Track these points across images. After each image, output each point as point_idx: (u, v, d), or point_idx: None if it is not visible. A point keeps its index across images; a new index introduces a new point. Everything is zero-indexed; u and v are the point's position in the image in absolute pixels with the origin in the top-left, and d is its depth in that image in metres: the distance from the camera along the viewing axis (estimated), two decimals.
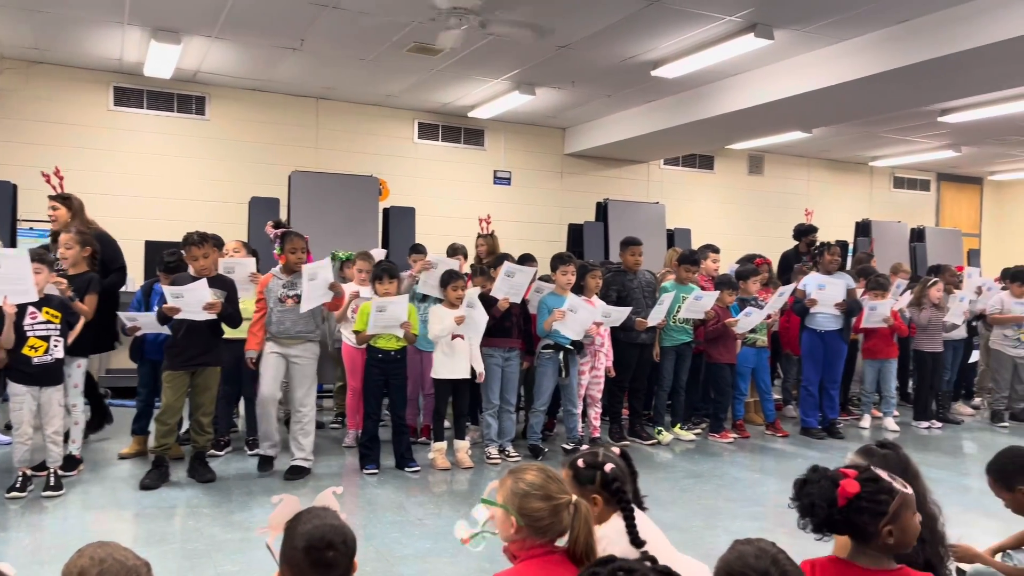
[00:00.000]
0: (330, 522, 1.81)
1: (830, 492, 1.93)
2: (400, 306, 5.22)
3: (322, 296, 5.17)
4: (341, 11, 6.80)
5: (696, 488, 5.20)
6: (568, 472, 2.39)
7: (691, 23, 6.86)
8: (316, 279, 5.06)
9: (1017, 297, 7.67)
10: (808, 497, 1.96)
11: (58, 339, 4.67)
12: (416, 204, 9.03)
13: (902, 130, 11.07)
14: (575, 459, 2.40)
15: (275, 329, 5.17)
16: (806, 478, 2.00)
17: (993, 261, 13.04)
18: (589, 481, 2.33)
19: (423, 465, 5.48)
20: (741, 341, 6.78)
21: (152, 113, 9.37)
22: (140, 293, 5.72)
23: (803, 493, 1.98)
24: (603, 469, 2.33)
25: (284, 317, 5.16)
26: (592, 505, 2.25)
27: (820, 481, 1.97)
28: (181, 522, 4.28)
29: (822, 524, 1.96)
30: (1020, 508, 2.83)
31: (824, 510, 1.93)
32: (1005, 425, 7.61)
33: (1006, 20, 5.95)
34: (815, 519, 1.96)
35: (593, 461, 2.34)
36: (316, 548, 1.76)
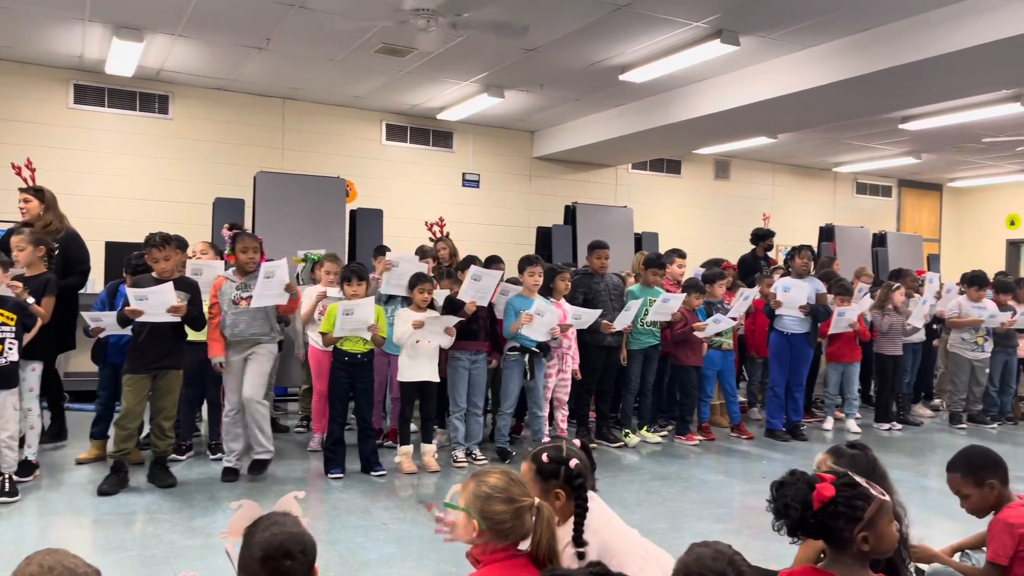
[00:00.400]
0: (288, 529, 1.78)
1: (805, 495, 1.94)
2: (367, 308, 5.17)
3: (276, 296, 5.04)
4: (308, 11, 6.74)
5: (662, 490, 5.23)
6: (531, 466, 2.38)
7: (658, 28, 6.91)
8: (272, 277, 4.96)
9: (974, 301, 7.83)
10: (783, 499, 1.97)
11: (12, 341, 4.55)
12: (384, 206, 8.98)
13: (864, 137, 11.26)
14: (539, 452, 2.40)
15: (229, 332, 5.08)
16: (783, 480, 2.01)
17: (952, 266, 13.32)
18: (553, 476, 2.33)
19: (389, 469, 5.44)
20: (707, 344, 6.83)
21: (113, 112, 9.21)
22: (104, 294, 5.60)
23: (779, 495, 2.00)
24: (568, 464, 2.33)
25: (238, 319, 5.07)
26: (555, 500, 2.27)
27: (796, 484, 1.98)
28: (140, 528, 4.19)
29: (796, 526, 1.96)
30: (982, 505, 2.86)
31: (798, 512, 1.94)
32: (963, 427, 7.76)
33: (965, 30, 6.09)
34: (789, 521, 1.96)
35: (558, 456, 2.35)
36: (273, 558, 1.72)
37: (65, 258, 5.61)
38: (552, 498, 2.29)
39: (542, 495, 2.27)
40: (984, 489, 2.84)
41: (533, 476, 2.36)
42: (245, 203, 7.95)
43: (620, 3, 6.37)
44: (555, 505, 2.28)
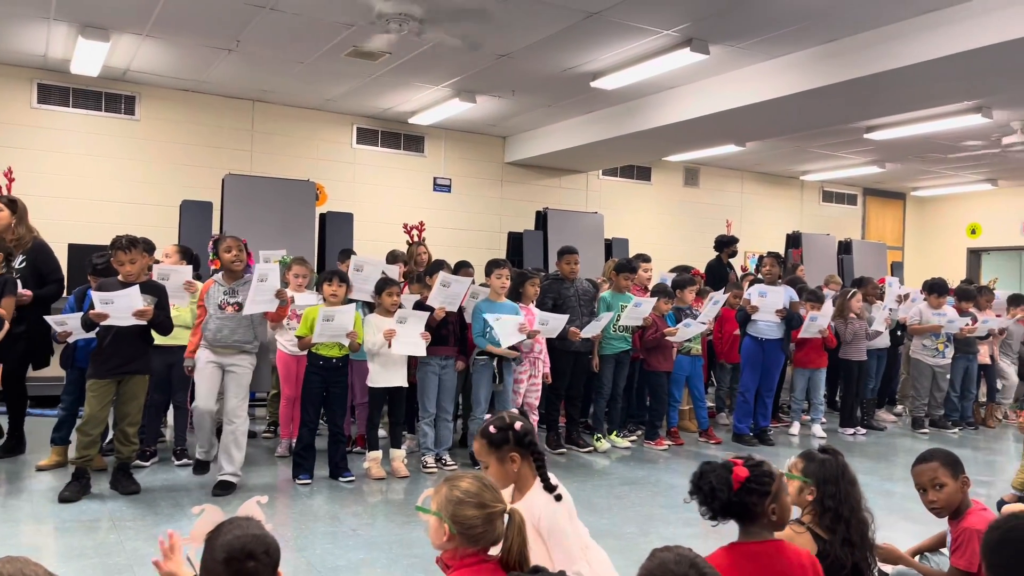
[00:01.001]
0: (251, 532, 1.76)
1: (726, 478, 2.22)
2: (347, 315, 5.14)
3: (267, 303, 4.98)
4: (279, 13, 6.69)
5: (631, 495, 5.25)
6: (482, 440, 2.59)
7: (629, 36, 6.96)
8: (266, 280, 4.91)
9: (934, 308, 7.99)
10: (708, 485, 2.23)
11: None
12: (354, 210, 8.94)
13: (830, 146, 11.44)
14: (485, 428, 2.61)
15: (212, 336, 5.02)
16: (702, 470, 2.27)
17: (915, 273, 13.59)
18: (504, 442, 2.56)
19: (358, 475, 5.40)
20: (676, 349, 6.89)
21: (78, 112, 9.05)
22: (73, 299, 5.49)
23: (703, 482, 2.24)
24: (514, 428, 2.57)
25: (223, 325, 5.02)
26: (511, 464, 2.54)
27: (716, 471, 2.25)
28: (103, 536, 4.12)
29: (722, 508, 2.23)
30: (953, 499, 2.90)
31: (725, 494, 2.21)
32: (925, 431, 7.91)
33: (928, 43, 6.22)
34: (716, 503, 2.22)
35: (502, 424, 2.59)
36: (236, 559, 1.70)
37: (34, 269, 5.50)
38: (509, 462, 2.55)
39: (499, 464, 2.54)
40: (958, 483, 2.89)
41: (486, 449, 2.58)
42: (213, 206, 7.86)
43: (591, 10, 6.41)
44: (513, 468, 2.55)
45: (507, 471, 2.56)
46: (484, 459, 2.59)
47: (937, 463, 2.91)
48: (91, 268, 5.24)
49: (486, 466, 2.60)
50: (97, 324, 4.61)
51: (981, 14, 5.88)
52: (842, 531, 2.58)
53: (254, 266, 5.13)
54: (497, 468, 2.56)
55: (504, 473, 2.56)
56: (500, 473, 2.56)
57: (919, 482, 2.95)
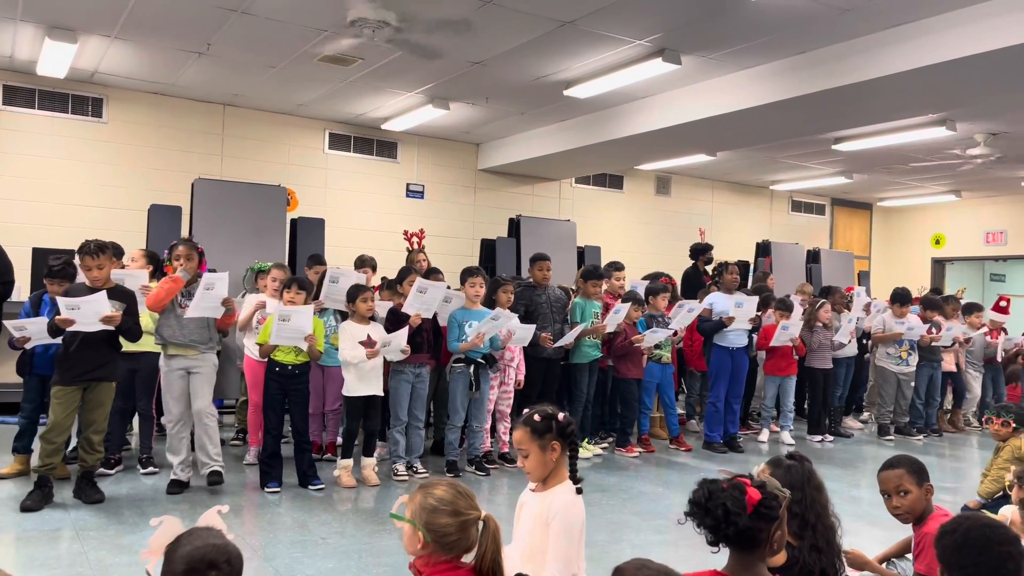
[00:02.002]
0: (212, 542, 1.73)
1: (741, 500, 1.96)
2: (304, 317, 5.09)
3: (212, 309, 5.03)
4: (251, 16, 6.64)
5: (602, 502, 5.26)
6: (525, 428, 2.66)
7: (602, 45, 7.01)
8: (212, 289, 4.94)
9: (898, 317, 8.12)
10: (721, 508, 1.96)
11: None
12: (326, 216, 8.88)
13: (800, 156, 11.60)
14: (529, 416, 2.69)
15: (167, 333, 5.04)
16: (710, 490, 2.01)
17: (881, 282, 13.80)
18: (548, 430, 2.63)
19: (328, 483, 5.35)
20: (647, 357, 6.92)
21: (44, 114, 8.89)
22: (28, 305, 5.38)
23: (713, 504, 1.98)
24: (557, 418, 2.64)
25: (182, 323, 5.03)
26: (551, 452, 2.63)
27: (730, 491, 1.98)
28: (66, 546, 4.03)
29: (736, 534, 1.95)
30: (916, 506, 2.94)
31: (741, 518, 1.94)
32: (891, 438, 8.03)
33: (894, 56, 6.34)
34: (731, 528, 1.94)
35: (546, 414, 2.66)
36: (196, 570, 1.66)
37: None
38: (550, 451, 2.63)
39: (540, 452, 2.61)
40: (922, 490, 2.94)
41: (529, 437, 2.64)
42: (182, 210, 7.75)
43: (565, 19, 6.44)
44: (552, 457, 2.64)
45: (547, 460, 2.64)
46: (526, 447, 2.65)
47: (903, 470, 2.96)
48: (47, 271, 5.15)
49: (525, 455, 2.66)
50: (64, 330, 4.53)
51: (946, 29, 6.01)
52: (809, 537, 2.60)
53: (204, 272, 5.11)
54: (537, 456, 2.64)
55: (543, 462, 2.64)
56: (540, 461, 2.64)
57: (884, 488, 3.00)
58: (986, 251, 14.72)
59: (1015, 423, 4.78)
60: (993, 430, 4.89)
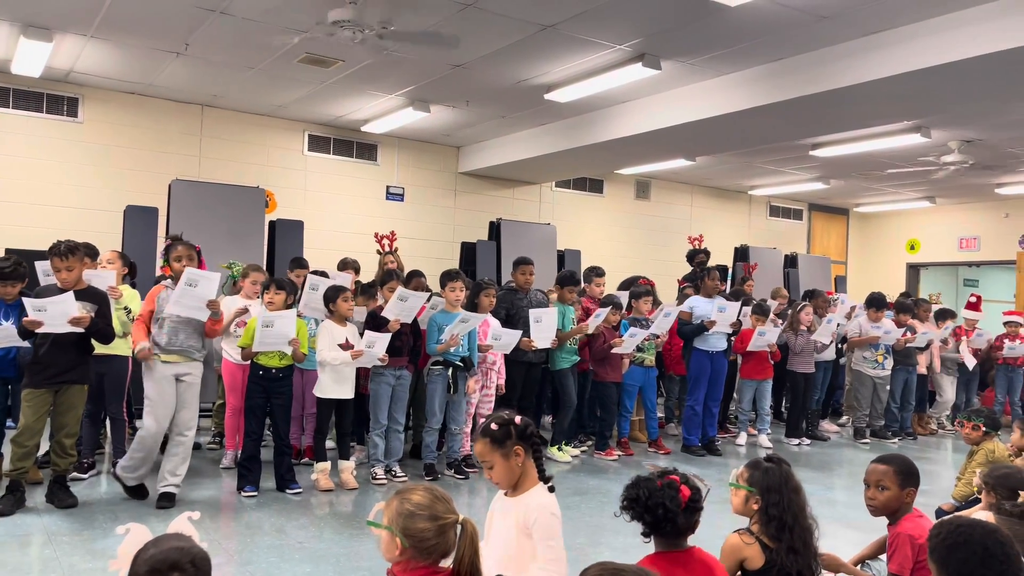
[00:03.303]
0: (176, 544, 1.71)
1: (677, 499, 2.28)
2: (288, 321, 5.05)
3: (195, 309, 4.77)
4: (229, 17, 6.59)
5: (581, 505, 5.27)
6: (484, 440, 2.60)
7: (582, 50, 7.03)
8: (195, 286, 4.70)
9: (873, 321, 8.21)
10: (661, 508, 2.27)
11: None
12: (305, 218, 8.83)
13: (777, 162, 11.71)
14: (485, 427, 2.62)
15: (166, 341, 4.80)
16: (650, 489, 2.31)
17: (857, 287, 13.95)
18: (507, 437, 2.57)
19: (305, 487, 5.31)
20: (630, 360, 6.93)
21: (18, 113, 8.77)
22: None
23: (654, 504, 2.28)
24: (515, 422, 2.60)
25: (178, 328, 4.83)
26: (516, 457, 2.57)
27: (665, 490, 2.29)
28: (37, 551, 3.97)
29: (673, 528, 2.30)
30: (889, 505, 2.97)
31: (679, 516, 2.27)
32: (867, 441, 8.11)
33: (869, 64, 6.42)
34: (668, 525, 2.28)
35: (502, 420, 2.62)
36: (158, 571, 1.64)
37: None
38: (514, 457, 2.57)
39: (504, 460, 2.56)
40: (902, 492, 2.97)
41: (490, 448, 2.58)
42: (159, 212, 7.68)
43: (546, 23, 6.46)
44: (518, 462, 2.58)
45: (512, 467, 2.58)
46: (488, 459, 2.59)
47: (891, 468, 2.99)
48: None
49: (490, 466, 2.60)
50: (33, 332, 4.46)
51: (921, 37, 6.09)
52: (787, 539, 2.62)
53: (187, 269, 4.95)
54: (503, 465, 2.58)
55: (510, 469, 2.58)
56: (506, 470, 2.58)
57: (867, 478, 3.05)
58: (960, 257, 14.92)
59: (985, 427, 4.84)
60: (964, 434, 4.95)
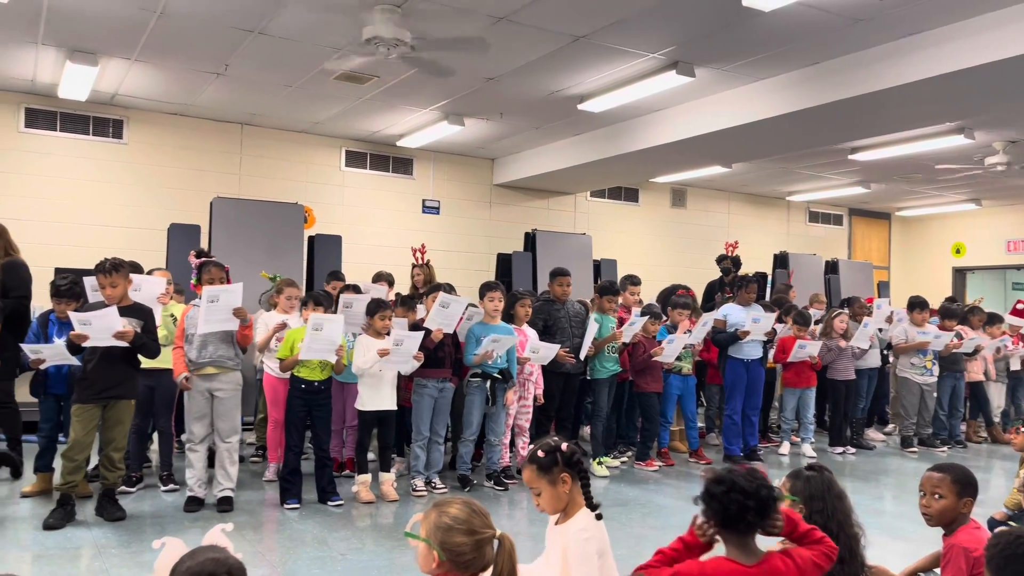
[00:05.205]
0: (212, 555, 1.74)
1: (763, 489, 2.15)
2: (337, 327, 5.11)
3: (224, 322, 4.99)
4: (267, 37, 6.73)
5: (622, 516, 5.23)
6: (531, 467, 2.58)
7: (615, 59, 7.03)
8: (216, 302, 4.90)
9: (918, 326, 8.04)
10: (763, 499, 2.13)
11: None
12: (343, 232, 8.94)
13: (816, 167, 11.55)
14: (532, 454, 2.60)
15: (196, 355, 5.04)
16: (761, 485, 2.15)
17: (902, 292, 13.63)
18: (554, 464, 2.56)
19: (346, 499, 5.35)
20: (668, 369, 6.88)
21: (66, 136, 9.04)
22: (36, 323, 5.45)
23: (763, 494, 2.13)
24: (561, 449, 2.58)
25: (206, 340, 5.04)
26: (563, 484, 2.56)
27: (751, 478, 2.16)
28: (87, 563, 4.06)
29: (750, 516, 2.14)
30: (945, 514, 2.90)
31: (757, 508, 2.13)
32: (914, 450, 7.92)
33: (909, 65, 6.31)
34: (746, 515, 2.12)
35: (549, 448, 2.59)
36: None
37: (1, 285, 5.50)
38: (561, 484, 2.56)
39: (551, 487, 2.55)
40: (959, 502, 2.90)
41: (536, 475, 2.57)
42: (201, 229, 7.84)
43: (578, 34, 6.47)
44: (565, 489, 2.57)
45: (559, 493, 2.57)
46: (535, 485, 2.57)
47: (948, 476, 2.93)
48: (54, 291, 5.20)
49: (538, 493, 2.58)
50: (80, 347, 4.58)
51: (961, 37, 5.98)
52: None
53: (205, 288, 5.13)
54: (550, 492, 2.56)
55: (557, 496, 2.57)
56: (553, 496, 2.57)
57: (922, 486, 2.98)
58: (1008, 260, 14.56)
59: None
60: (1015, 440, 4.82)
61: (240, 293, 5.02)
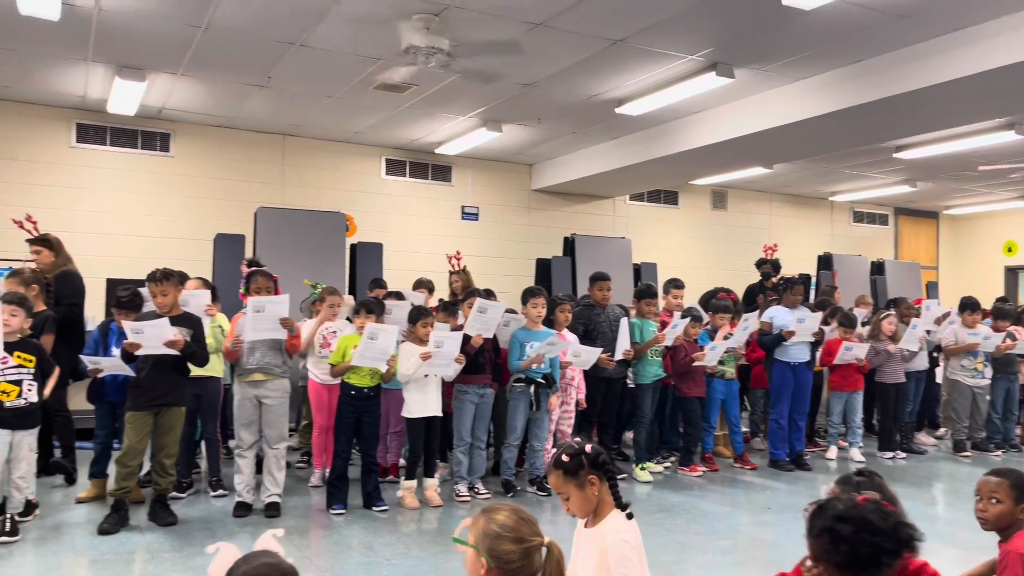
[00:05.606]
0: (265, 561, 1.76)
1: (896, 527, 1.92)
2: (391, 337, 5.17)
3: (270, 331, 5.09)
4: (308, 49, 6.84)
5: (666, 522, 5.19)
6: (557, 472, 2.54)
7: (653, 62, 7.00)
8: (262, 312, 5.01)
9: (969, 327, 7.84)
10: (880, 534, 1.88)
11: (32, 383, 4.59)
12: (384, 240, 9.03)
13: (860, 166, 11.35)
14: (556, 460, 2.55)
15: (245, 360, 5.15)
16: (897, 520, 1.93)
17: (951, 293, 13.33)
18: (580, 467, 2.51)
19: (391, 504, 5.40)
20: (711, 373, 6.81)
21: (115, 150, 9.28)
22: (97, 332, 5.61)
23: (900, 534, 1.90)
24: (585, 452, 2.52)
25: (255, 346, 5.14)
26: (591, 487, 2.51)
27: (879, 513, 1.91)
28: (140, 567, 4.16)
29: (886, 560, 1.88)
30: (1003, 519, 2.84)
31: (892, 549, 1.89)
32: (967, 455, 7.72)
33: (956, 61, 6.18)
34: (878, 559, 1.87)
35: (573, 451, 2.53)
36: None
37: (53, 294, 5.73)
38: (589, 487, 2.51)
39: (579, 491, 2.50)
40: (1016, 507, 2.83)
41: (563, 479, 2.52)
42: (246, 239, 7.98)
43: (615, 38, 6.46)
44: (594, 492, 2.52)
45: (588, 496, 2.53)
46: (563, 490, 2.53)
47: (1007, 481, 2.87)
48: (115, 302, 5.35)
49: (566, 497, 2.55)
50: (133, 355, 4.70)
51: (1007, 31, 5.84)
52: None
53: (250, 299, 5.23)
54: (579, 496, 2.52)
55: (586, 499, 2.53)
56: (582, 500, 2.53)
57: (979, 490, 2.92)
58: None
59: None
60: None
61: (287, 304, 5.10)
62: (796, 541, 2.36)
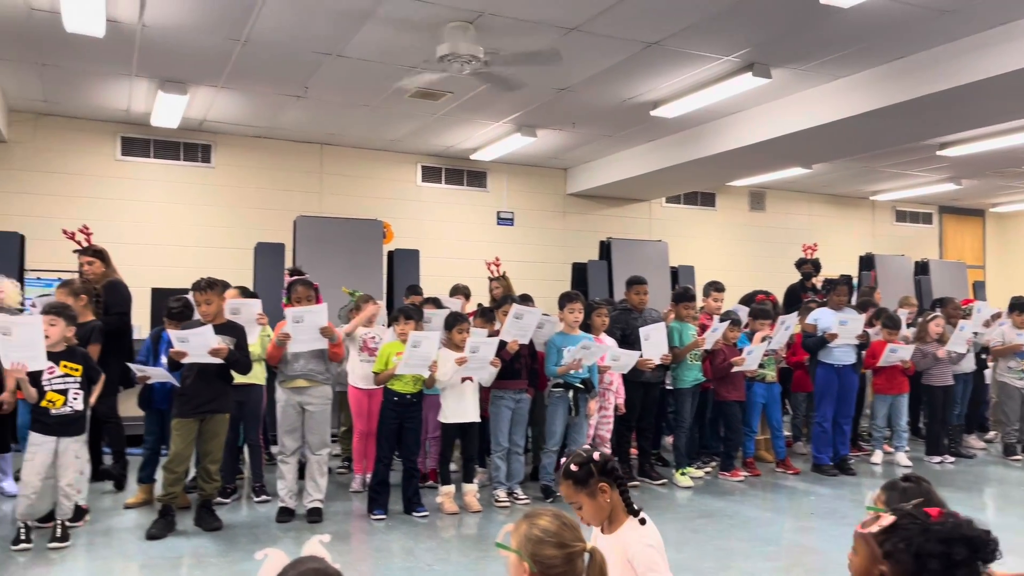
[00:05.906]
0: (311, 566, 1.79)
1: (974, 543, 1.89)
2: (433, 344, 5.21)
3: (312, 341, 5.15)
4: (345, 59, 6.92)
5: (708, 528, 5.14)
6: (567, 482, 2.52)
7: (689, 64, 6.96)
8: (301, 322, 5.07)
9: (1018, 328, 7.64)
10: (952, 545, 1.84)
11: (78, 391, 4.70)
12: (420, 246, 9.09)
13: (902, 164, 11.15)
14: (566, 469, 2.54)
15: (288, 368, 5.24)
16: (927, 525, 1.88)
17: (999, 292, 13.01)
18: (589, 476, 2.49)
19: (431, 509, 5.43)
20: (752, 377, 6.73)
21: (159, 162, 9.49)
22: (149, 341, 5.75)
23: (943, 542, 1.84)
24: (594, 460, 2.51)
25: (298, 354, 5.22)
26: (602, 494, 2.48)
27: (953, 526, 1.87)
28: (187, 572, 4.23)
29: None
30: None
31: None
32: (1018, 458, 7.51)
33: (998, 56, 6.04)
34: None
35: (581, 460, 2.51)
36: None
37: (103, 304, 5.89)
38: (600, 494, 2.48)
39: (591, 499, 2.48)
40: None
41: (574, 489, 2.51)
42: (286, 247, 8.10)
43: (650, 41, 6.44)
44: (606, 499, 2.48)
45: (601, 504, 2.50)
46: (575, 500, 2.52)
47: None
48: (167, 312, 5.46)
49: (579, 507, 2.53)
50: (179, 364, 4.80)
51: None
52: None
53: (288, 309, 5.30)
54: (591, 504, 2.50)
55: (599, 507, 2.51)
56: (595, 509, 2.51)
57: None
58: None
59: None
60: None
61: (325, 313, 5.15)
62: (840, 547, 2.33)
